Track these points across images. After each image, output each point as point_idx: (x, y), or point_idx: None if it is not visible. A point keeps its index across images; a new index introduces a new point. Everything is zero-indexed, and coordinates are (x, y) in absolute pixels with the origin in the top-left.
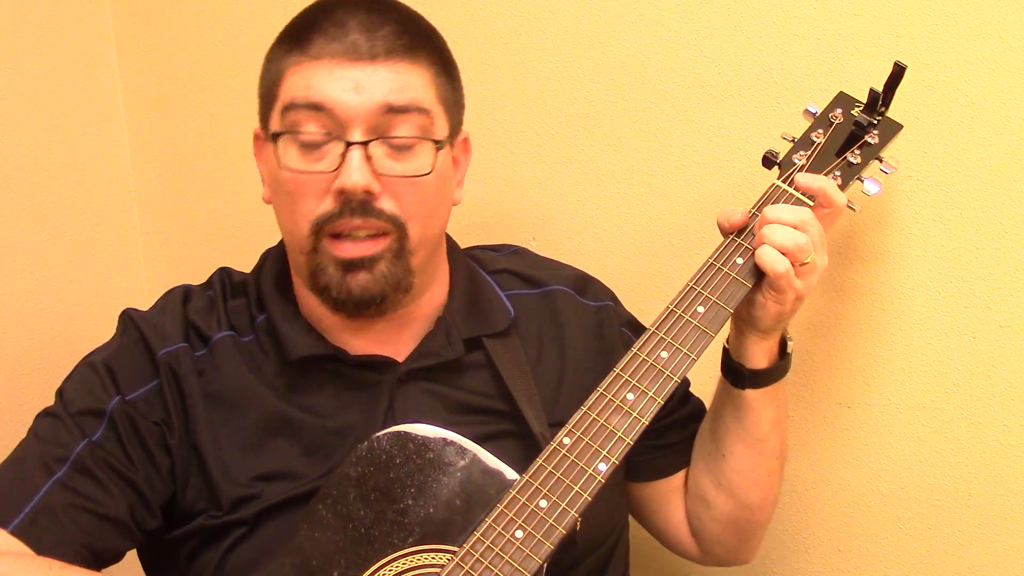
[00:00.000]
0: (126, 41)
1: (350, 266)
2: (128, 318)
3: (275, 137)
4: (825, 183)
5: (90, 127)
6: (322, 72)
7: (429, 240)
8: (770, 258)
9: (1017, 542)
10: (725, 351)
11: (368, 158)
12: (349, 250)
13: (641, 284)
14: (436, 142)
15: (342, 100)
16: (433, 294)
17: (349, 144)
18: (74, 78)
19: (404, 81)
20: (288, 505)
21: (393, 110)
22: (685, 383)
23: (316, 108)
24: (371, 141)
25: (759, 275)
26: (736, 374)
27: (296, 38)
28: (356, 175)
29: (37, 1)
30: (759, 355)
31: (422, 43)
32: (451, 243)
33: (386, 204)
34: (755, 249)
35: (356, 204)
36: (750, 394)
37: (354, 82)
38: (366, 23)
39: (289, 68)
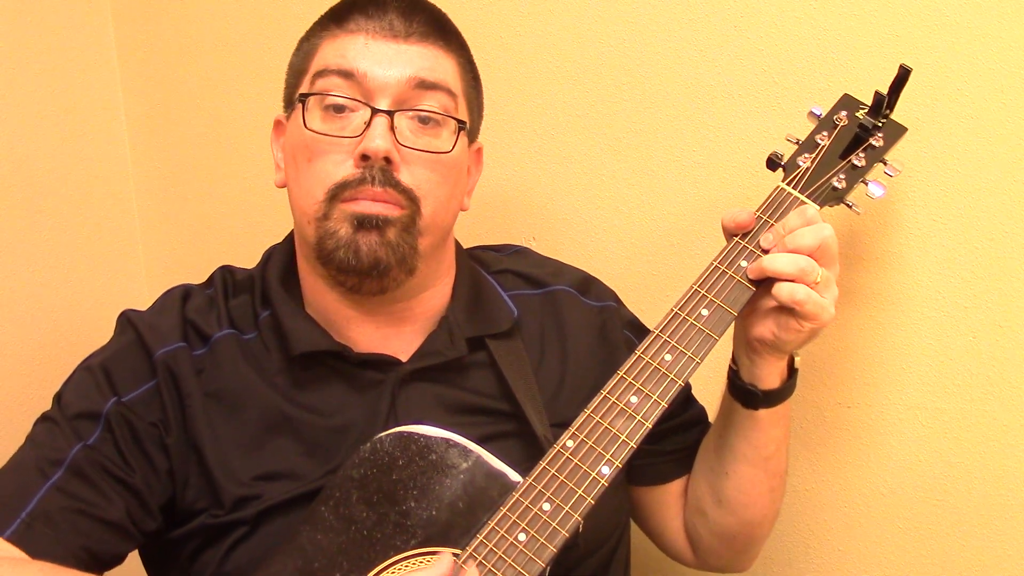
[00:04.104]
0: (126, 41)
1: (363, 223)
2: (126, 319)
3: (303, 98)
4: (796, 238)
5: (90, 127)
6: (356, 43)
7: (438, 226)
8: (787, 293)
9: (1017, 542)
10: (733, 372)
11: (392, 128)
12: (366, 207)
13: (643, 286)
14: (460, 122)
15: (373, 70)
16: (437, 292)
17: (375, 111)
18: (74, 78)
19: (436, 62)
20: (289, 505)
21: (423, 85)
22: (687, 387)
23: (347, 76)
24: (397, 112)
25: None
26: (749, 395)
27: (334, 15)
28: (379, 140)
29: (37, 1)
30: (772, 375)
31: (455, 38)
32: (458, 246)
33: (404, 176)
34: (761, 253)
35: (376, 171)
36: (763, 414)
37: (387, 55)
38: (404, 9)
39: (324, 41)
